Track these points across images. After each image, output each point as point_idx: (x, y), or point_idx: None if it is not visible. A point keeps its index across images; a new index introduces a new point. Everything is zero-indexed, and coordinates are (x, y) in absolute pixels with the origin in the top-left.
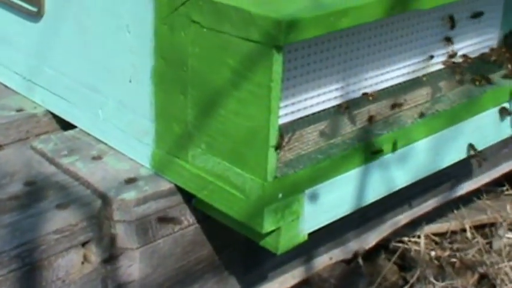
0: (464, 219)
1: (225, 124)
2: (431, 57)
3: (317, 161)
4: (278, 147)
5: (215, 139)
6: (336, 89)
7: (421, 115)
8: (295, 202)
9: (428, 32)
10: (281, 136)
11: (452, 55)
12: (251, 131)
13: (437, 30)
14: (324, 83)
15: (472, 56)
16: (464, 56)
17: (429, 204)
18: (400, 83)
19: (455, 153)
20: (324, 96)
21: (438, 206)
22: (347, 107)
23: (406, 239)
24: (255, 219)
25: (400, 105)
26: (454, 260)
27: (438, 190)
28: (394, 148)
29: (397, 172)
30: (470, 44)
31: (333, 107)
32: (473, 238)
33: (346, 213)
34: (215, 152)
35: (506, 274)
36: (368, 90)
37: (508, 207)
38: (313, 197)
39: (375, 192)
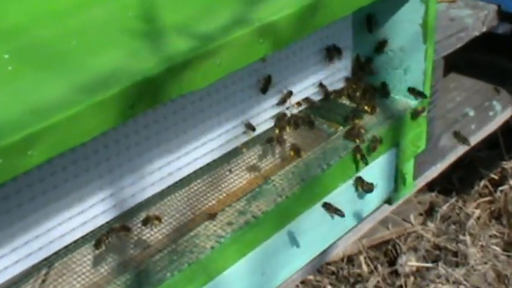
0: (362, 239)
1: None
2: (250, 125)
3: None
4: None
5: None
6: (103, 200)
7: (229, 226)
8: None
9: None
10: None
11: (284, 110)
12: None
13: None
14: (83, 196)
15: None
16: (306, 99)
17: (295, 278)
18: (204, 166)
19: (294, 262)
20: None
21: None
22: (107, 239)
23: None
24: None
25: (155, 218)
26: None
27: None
28: None
29: None
30: (313, 83)
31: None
32: (373, 265)
33: None
34: None
35: None
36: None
37: (412, 216)
38: None
39: None
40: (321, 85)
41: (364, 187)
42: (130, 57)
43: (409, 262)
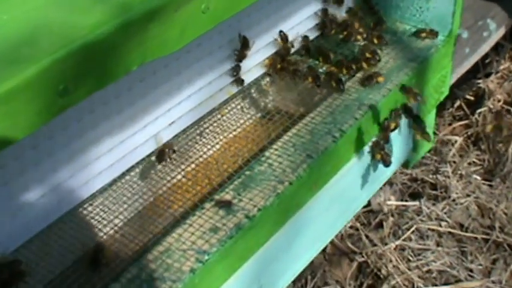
0: None
1: None
2: (235, 71)
3: None
4: None
5: None
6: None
7: (213, 233)
8: None
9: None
10: None
11: (286, 49)
12: None
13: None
14: None
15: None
16: (305, 38)
17: None
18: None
19: (296, 265)
20: None
21: None
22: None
23: None
24: None
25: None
26: None
27: None
28: None
29: None
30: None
31: None
32: None
33: None
34: None
35: (391, 261)
36: None
37: None
38: None
39: None
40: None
41: (383, 156)
42: (59, 9)
43: (388, 201)
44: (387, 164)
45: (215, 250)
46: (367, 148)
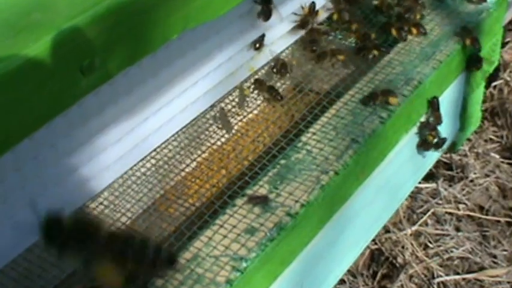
0: None
1: None
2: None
3: None
4: None
5: None
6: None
7: (249, 236)
8: None
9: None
10: None
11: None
12: None
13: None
14: None
15: None
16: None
17: None
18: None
19: (341, 265)
20: None
21: None
22: None
23: None
24: None
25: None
26: None
27: None
28: None
29: None
30: None
31: None
32: None
33: None
34: None
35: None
36: None
37: None
38: None
39: None
40: None
41: (435, 139)
42: None
43: None
44: (438, 147)
45: (254, 256)
46: (415, 129)
